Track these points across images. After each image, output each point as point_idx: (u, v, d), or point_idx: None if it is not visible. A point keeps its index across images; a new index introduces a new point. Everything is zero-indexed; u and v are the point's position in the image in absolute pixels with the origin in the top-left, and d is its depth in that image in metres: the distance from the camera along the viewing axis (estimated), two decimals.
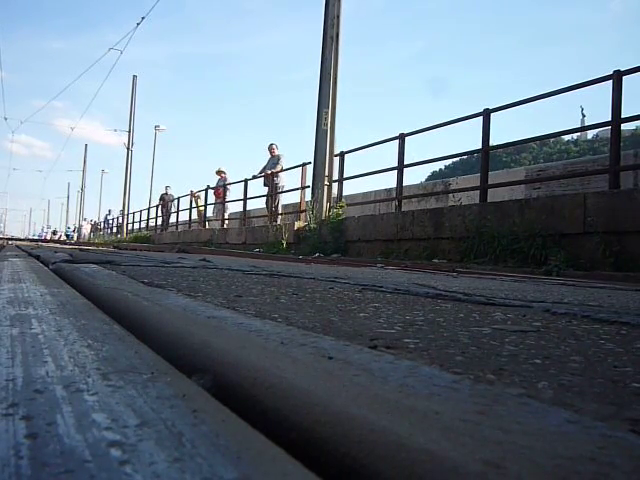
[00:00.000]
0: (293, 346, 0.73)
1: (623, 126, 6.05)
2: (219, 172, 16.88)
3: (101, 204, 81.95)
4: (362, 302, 1.65)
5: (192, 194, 18.62)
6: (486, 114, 7.30)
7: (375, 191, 12.86)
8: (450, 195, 8.69)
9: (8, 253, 5.09)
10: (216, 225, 16.35)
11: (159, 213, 23.03)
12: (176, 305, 1.16)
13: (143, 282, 1.88)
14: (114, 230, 30.15)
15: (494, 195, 7.99)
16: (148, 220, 25.49)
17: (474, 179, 9.05)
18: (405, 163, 8.87)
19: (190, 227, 18.81)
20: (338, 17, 10.07)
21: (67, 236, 44.71)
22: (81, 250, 6.74)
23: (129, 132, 26.38)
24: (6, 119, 38.94)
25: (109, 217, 32.63)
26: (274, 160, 13.50)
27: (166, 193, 22.22)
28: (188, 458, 0.39)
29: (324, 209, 9.92)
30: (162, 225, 22.37)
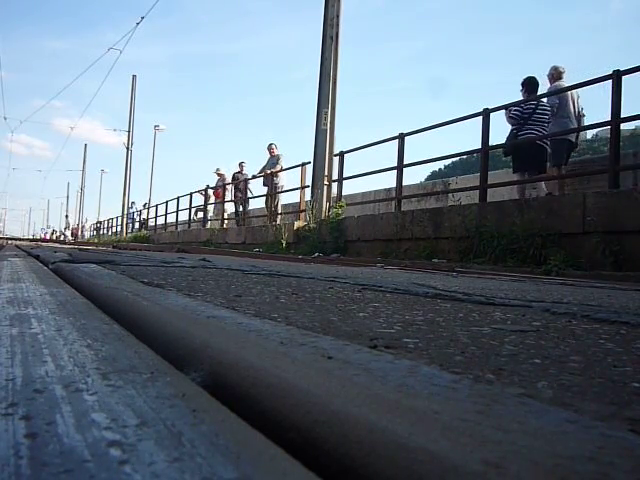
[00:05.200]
0: (292, 346, 0.73)
1: (622, 126, 6.06)
2: (218, 172, 16.87)
3: (101, 204, 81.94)
4: (362, 302, 1.65)
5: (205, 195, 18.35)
6: (485, 114, 7.31)
7: (375, 191, 12.85)
8: (450, 195, 8.67)
9: (7, 253, 5.09)
10: (215, 225, 16.33)
11: (218, 199, 16.67)
12: (176, 305, 1.16)
13: (143, 282, 1.87)
14: (136, 226, 28.04)
15: (494, 195, 7.99)
16: (147, 219, 25.41)
17: (474, 179, 9.05)
18: (405, 163, 8.87)
19: (190, 227, 18.83)
20: (338, 17, 10.06)
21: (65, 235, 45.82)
22: (80, 250, 6.73)
23: (129, 132, 26.41)
24: (6, 119, 39.09)
25: (132, 210, 29.61)
26: (273, 160, 13.51)
27: (240, 172, 15.77)
28: (188, 458, 0.39)
29: (324, 209, 9.92)
30: (239, 215, 15.68)
